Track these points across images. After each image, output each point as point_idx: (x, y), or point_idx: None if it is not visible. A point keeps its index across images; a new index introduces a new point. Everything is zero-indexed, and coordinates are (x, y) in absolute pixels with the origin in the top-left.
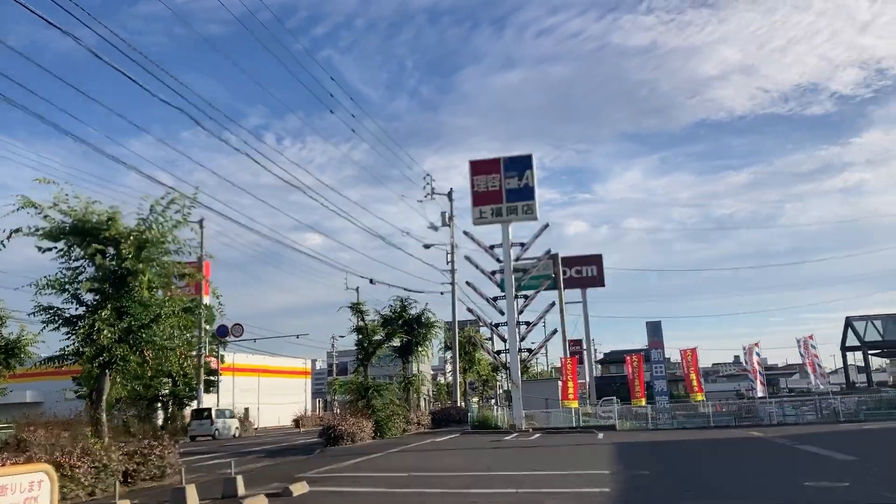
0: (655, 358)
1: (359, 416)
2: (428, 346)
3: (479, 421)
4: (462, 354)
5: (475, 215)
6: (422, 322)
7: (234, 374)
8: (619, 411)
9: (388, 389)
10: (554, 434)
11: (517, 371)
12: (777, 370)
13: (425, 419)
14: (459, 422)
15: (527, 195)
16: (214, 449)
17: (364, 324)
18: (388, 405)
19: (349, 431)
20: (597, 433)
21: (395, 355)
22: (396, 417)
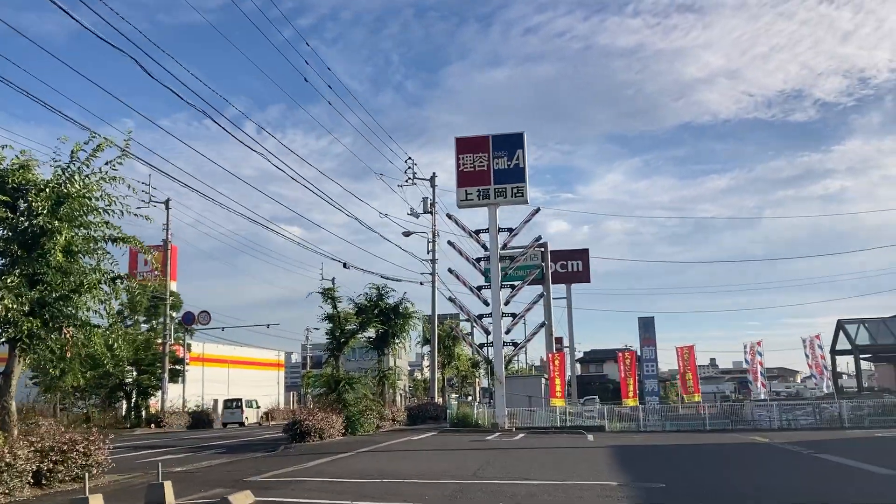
0: (647, 356)
1: (329, 410)
2: (405, 337)
3: (458, 418)
4: (441, 348)
5: (460, 196)
6: (399, 312)
7: (204, 365)
8: (607, 412)
9: (361, 383)
10: (539, 434)
11: (501, 366)
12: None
13: (401, 415)
14: (437, 418)
15: (517, 176)
16: (172, 443)
17: (336, 311)
18: (361, 400)
19: (317, 427)
20: (585, 434)
21: (371, 347)
22: (370, 413)
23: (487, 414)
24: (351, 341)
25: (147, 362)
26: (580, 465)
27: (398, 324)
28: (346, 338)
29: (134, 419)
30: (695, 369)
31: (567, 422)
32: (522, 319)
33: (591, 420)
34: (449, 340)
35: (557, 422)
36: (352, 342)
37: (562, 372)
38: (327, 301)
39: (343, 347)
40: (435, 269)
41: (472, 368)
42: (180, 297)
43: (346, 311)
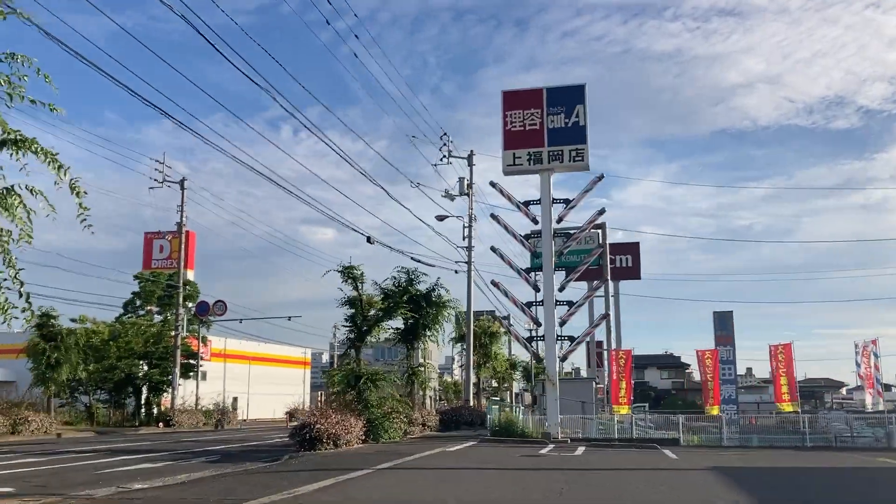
0: (724, 357)
1: (347, 412)
2: (438, 330)
3: (500, 426)
4: (476, 346)
5: (506, 161)
6: (432, 300)
7: (226, 361)
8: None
9: (386, 380)
10: (602, 448)
11: (554, 364)
12: None
13: (432, 419)
14: (471, 424)
15: (576, 137)
16: (164, 446)
17: (358, 294)
18: (386, 400)
19: (331, 433)
20: (659, 448)
21: (398, 340)
22: (396, 416)
23: (533, 421)
24: (375, 330)
25: (158, 356)
26: (688, 496)
27: (430, 313)
28: (370, 326)
29: (143, 417)
30: (792, 372)
31: (632, 433)
32: (584, 304)
33: (649, 431)
34: (485, 338)
35: (614, 432)
36: (376, 331)
37: (627, 373)
38: (347, 281)
39: (365, 337)
40: (471, 257)
41: (510, 370)
42: (197, 287)
43: (369, 296)
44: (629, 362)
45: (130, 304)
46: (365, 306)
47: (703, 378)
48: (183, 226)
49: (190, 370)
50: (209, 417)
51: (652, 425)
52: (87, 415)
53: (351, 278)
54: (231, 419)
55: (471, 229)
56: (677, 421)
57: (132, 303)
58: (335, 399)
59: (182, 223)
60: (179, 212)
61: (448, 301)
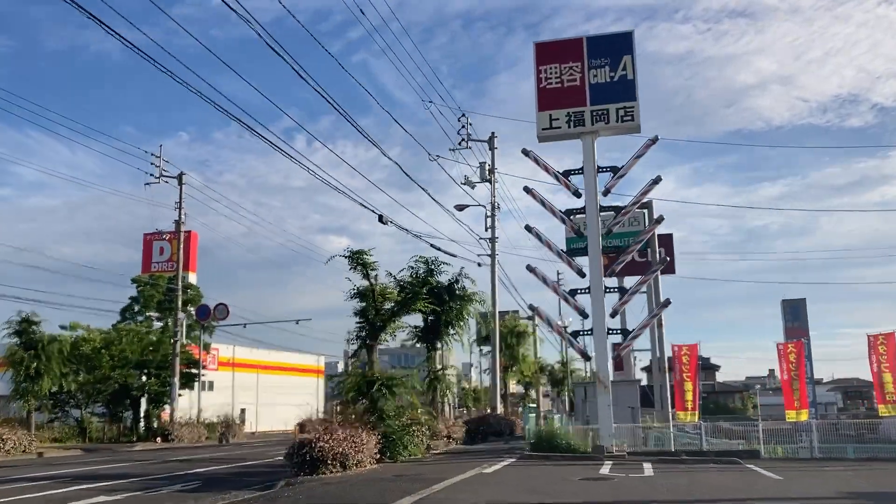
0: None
1: (358, 424)
2: (463, 327)
3: (541, 438)
4: (502, 348)
5: (541, 123)
6: (455, 292)
7: (235, 370)
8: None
9: (404, 385)
10: (672, 463)
11: (606, 363)
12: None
13: (458, 431)
14: (500, 434)
15: (624, 92)
16: (137, 471)
17: (370, 283)
18: (405, 410)
19: (337, 452)
20: (742, 463)
21: (417, 339)
22: (417, 429)
23: (575, 432)
24: (390, 326)
25: (157, 364)
26: None
27: (453, 308)
28: (384, 321)
29: (142, 431)
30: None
31: (702, 444)
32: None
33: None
34: (512, 338)
35: (671, 444)
36: (391, 327)
37: (693, 373)
38: (356, 269)
39: (379, 334)
40: (495, 249)
41: (538, 373)
42: (200, 291)
43: (383, 286)
44: (695, 359)
45: (128, 310)
46: (378, 298)
47: (786, 376)
48: (181, 224)
49: (192, 380)
50: (212, 431)
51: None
52: (78, 430)
53: (360, 265)
54: (237, 432)
55: (493, 218)
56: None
57: (130, 308)
58: (343, 409)
59: (180, 221)
60: (178, 209)
61: (474, 294)
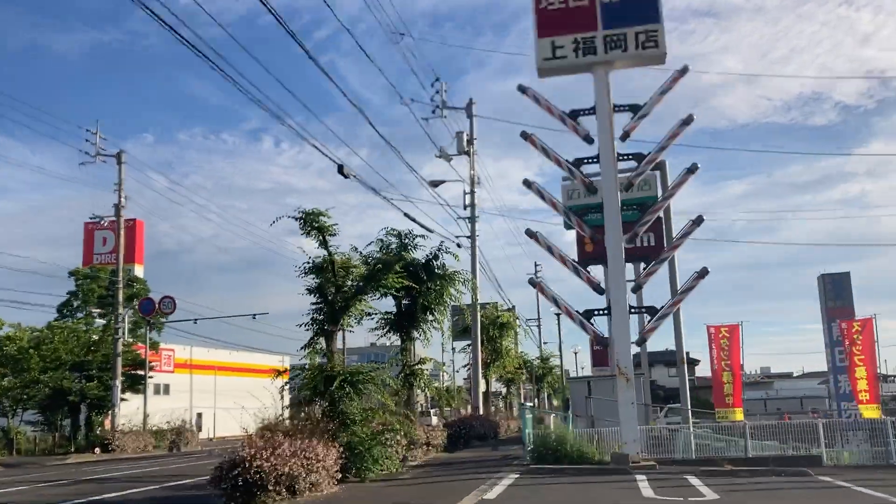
0: (839, 335)
1: (313, 433)
2: (444, 312)
3: (546, 446)
4: (483, 341)
5: (542, 54)
6: (434, 271)
7: (192, 372)
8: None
9: (373, 382)
10: (725, 476)
11: (628, 349)
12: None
13: (438, 436)
14: (483, 437)
15: (644, 13)
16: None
17: (328, 253)
18: (374, 413)
19: (281, 473)
20: (812, 474)
21: (389, 327)
22: (391, 437)
23: (581, 436)
24: (355, 307)
25: (98, 366)
26: None
27: (432, 289)
28: (346, 300)
29: (82, 440)
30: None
31: (746, 450)
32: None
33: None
34: (494, 330)
35: (689, 449)
36: (356, 308)
37: (735, 360)
38: (310, 234)
39: (340, 317)
40: (475, 230)
41: (520, 370)
42: (147, 286)
43: (345, 258)
44: (737, 344)
45: (66, 307)
46: (339, 271)
47: (851, 362)
48: (121, 208)
49: (138, 382)
50: (161, 439)
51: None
52: (5, 441)
53: (315, 230)
54: (189, 439)
55: (473, 195)
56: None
57: (68, 305)
58: (295, 412)
59: (120, 205)
60: (117, 191)
61: (456, 273)
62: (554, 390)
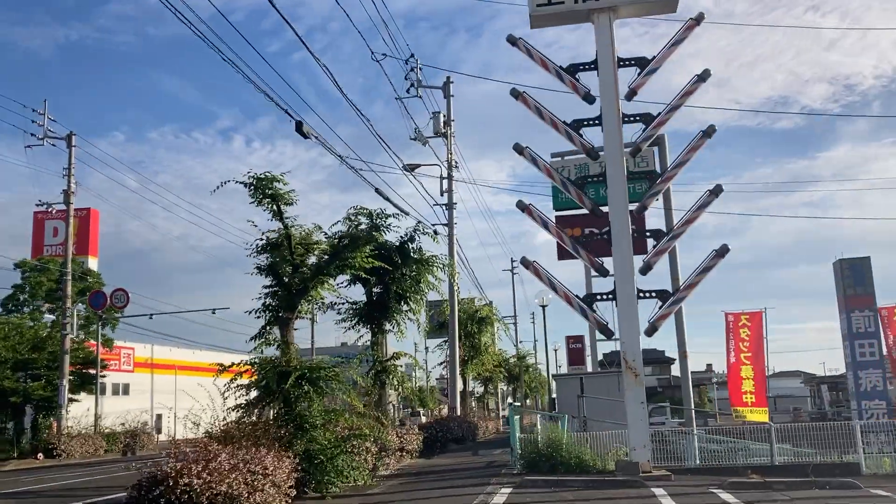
0: (858, 325)
1: (263, 440)
2: (421, 302)
3: (540, 452)
4: (461, 337)
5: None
6: (409, 254)
7: (154, 372)
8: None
9: (337, 379)
10: (757, 490)
11: (637, 338)
12: None
13: (413, 440)
14: (461, 440)
15: None
16: None
17: (284, 225)
18: (338, 415)
19: (218, 493)
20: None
21: (358, 318)
22: (358, 444)
23: (577, 440)
24: (315, 290)
25: (45, 364)
26: None
27: (406, 275)
28: (305, 281)
29: (27, 445)
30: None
31: (772, 456)
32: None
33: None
34: (472, 325)
35: (695, 455)
36: (316, 292)
37: (757, 354)
38: (262, 204)
39: (298, 302)
40: (452, 217)
41: (498, 367)
42: (101, 279)
43: (306, 233)
44: (758, 333)
45: (12, 301)
46: (296, 248)
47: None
48: (70, 194)
49: (90, 382)
50: (113, 442)
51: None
52: None
53: (268, 198)
54: (146, 442)
55: (451, 180)
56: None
57: (13, 298)
58: (246, 415)
59: (70, 191)
60: (67, 175)
61: (434, 258)
62: (531, 389)
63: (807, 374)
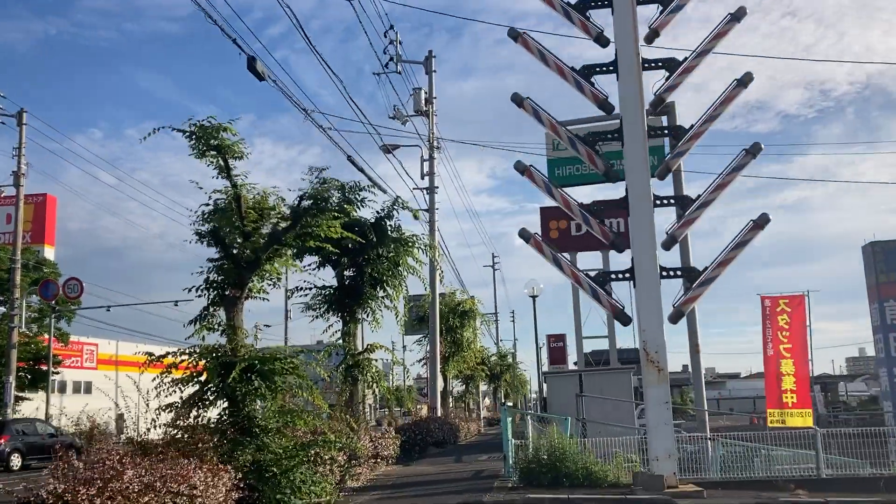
0: (894, 315)
1: (194, 451)
2: (399, 287)
3: (539, 461)
4: (442, 331)
5: None
6: (386, 232)
7: (118, 370)
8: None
9: (296, 372)
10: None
11: (658, 327)
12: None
13: (390, 444)
14: (442, 444)
15: None
16: None
17: (233, 185)
18: (296, 418)
19: None
20: None
21: (327, 305)
22: (321, 452)
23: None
24: (270, 263)
25: None
26: None
27: (384, 256)
28: (256, 251)
29: None
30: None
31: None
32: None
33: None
34: (454, 319)
35: (715, 464)
36: (272, 267)
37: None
38: (206, 156)
39: (250, 276)
40: (434, 201)
41: (482, 366)
42: (58, 269)
43: (260, 196)
44: (800, 321)
45: None
46: (248, 213)
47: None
48: (21, 175)
49: (43, 379)
50: None
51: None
52: None
53: (213, 150)
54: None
55: (432, 161)
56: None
57: None
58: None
59: (20, 172)
60: (17, 156)
61: (415, 237)
62: (511, 389)
63: None
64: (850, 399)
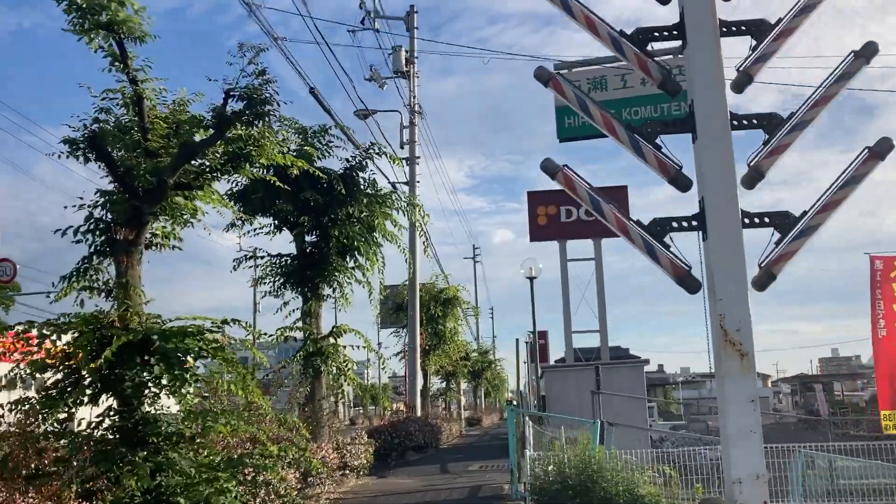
0: None
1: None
2: (375, 257)
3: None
4: (423, 321)
5: None
6: (358, 186)
7: None
8: None
9: (222, 355)
10: None
11: (742, 297)
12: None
13: (361, 452)
14: (422, 448)
15: None
16: None
17: (131, 82)
18: (220, 420)
19: None
20: None
21: (284, 279)
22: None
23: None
24: (185, 194)
25: None
26: None
27: (354, 217)
28: (163, 179)
29: None
30: None
31: None
32: None
33: None
34: (436, 307)
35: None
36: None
37: None
38: (92, 34)
39: (149, 213)
40: (415, 172)
41: (464, 360)
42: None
43: (177, 104)
44: None
45: None
46: (155, 124)
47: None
48: None
49: None
50: None
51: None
52: None
53: (102, 28)
54: None
55: (413, 128)
56: None
57: None
58: (30, 424)
59: None
60: None
61: (393, 195)
62: (492, 387)
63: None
64: (848, 400)
